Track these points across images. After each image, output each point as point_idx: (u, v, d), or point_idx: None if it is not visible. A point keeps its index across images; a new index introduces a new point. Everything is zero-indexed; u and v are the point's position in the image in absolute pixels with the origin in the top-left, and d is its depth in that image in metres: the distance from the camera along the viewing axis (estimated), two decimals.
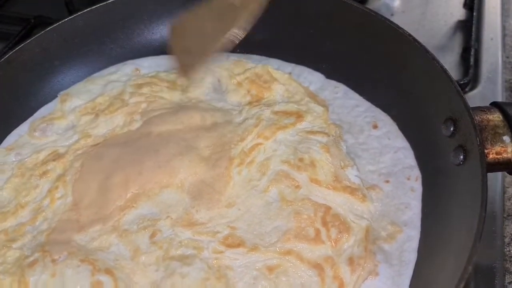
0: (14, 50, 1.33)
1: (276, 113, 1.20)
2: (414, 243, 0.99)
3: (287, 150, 1.13)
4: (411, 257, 0.97)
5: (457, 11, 1.76)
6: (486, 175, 0.89)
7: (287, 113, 1.20)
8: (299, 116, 1.19)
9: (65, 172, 1.17)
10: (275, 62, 1.36)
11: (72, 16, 1.41)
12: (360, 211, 1.04)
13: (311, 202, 1.04)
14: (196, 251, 0.98)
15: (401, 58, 1.21)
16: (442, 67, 1.07)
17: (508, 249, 1.17)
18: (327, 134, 1.15)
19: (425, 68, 1.12)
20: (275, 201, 1.06)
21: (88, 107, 1.30)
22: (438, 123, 1.08)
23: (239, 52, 1.38)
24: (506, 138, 0.98)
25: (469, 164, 0.97)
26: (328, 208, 1.03)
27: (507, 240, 1.19)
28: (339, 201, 1.05)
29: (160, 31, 1.52)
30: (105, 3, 1.44)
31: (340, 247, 0.99)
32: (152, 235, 1.03)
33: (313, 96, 1.25)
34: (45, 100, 1.38)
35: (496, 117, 1.01)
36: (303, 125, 1.18)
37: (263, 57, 1.36)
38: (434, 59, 1.09)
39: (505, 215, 1.22)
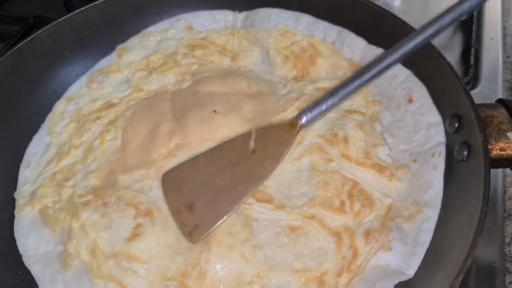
0: (26, 40, 1.32)
1: (318, 89, 1.23)
2: (432, 224, 0.99)
3: (324, 126, 1.16)
4: (426, 238, 0.97)
5: None
6: (489, 170, 0.90)
7: (328, 90, 1.18)
8: None
9: (117, 119, 1.26)
10: (322, 26, 1.33)
11: (83, 8, 1.40)
12: (386, 189, 1.07)
13: (340, 175, 1.08)
14: None
15: None
16: (448, 63, 1.07)
17: (508, 249, 1.18)
18: (364, 114, 1.17)
19: (432, 64, 1.12)
20: (306, 169, 1.10)
21: (142, 64, 1.38)
22: (443, 119, 1.08)
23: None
24: (510, 134, 0.98)
25: (473, 160, 0.96)
26: (356, 183, 1.06)
27: (507, 240, 1.19)
28: (367, 178, 1.08)
29: None
30: None
31: (361, 219, 1.03)
32: None
33: (357, 69, 1.22)
34: (54, 90, 1.38)
35: (501, 113, 1.02)
36: (343, 103, 1.18)
37: (312, 18, 1.33)
38: (440, 55, 1.09)
39: (505, 215, 1.23)
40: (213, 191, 1.06)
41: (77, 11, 1.39)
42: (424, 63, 1.14)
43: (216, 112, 1.17)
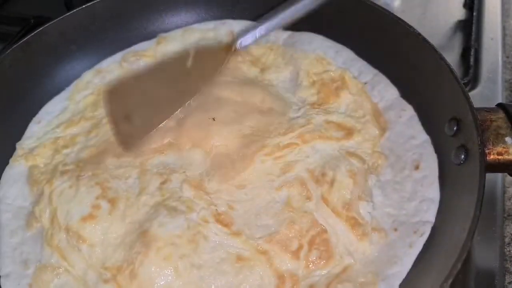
0: (33, 33, 1.34)
1: (328, 122, 1.15)
2: None
3: (318, 161, 1.09)
4: None
5: (457, 11, 1.75)
6: (484, 175, 0.88)
7: (339, 126, 1.15)
8: (349, 133, 1.13)
9: None
10: (360, 64, 1.25)
11: (91, 3, 1.42)
12: (353, 247, 0.98)
13: (311, 218, 1.00)
14: (187, 210, 1.02)
15: (408, 56, 1.18)
16: (449, 66, 1.06)
17: (508, 249, 1.16)
18: (364, 162, 1.08)
19: (433, 67, 1.10)
20: (280, 202, 1.04)
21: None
22: (442, 122, 1.05)
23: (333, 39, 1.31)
24: (508, 139, 0.95)
25: (469, 164, 0.94)
26: (323, 231, 0.99)
27: (507, 240, 1.18)
28: (338, 229, 0.99)
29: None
30: None
31: (311, 271, 0.95)
32: (163, 182, 1.08)
33: (378, 115, 1.16)
34: (59, 83, 1.39)
35: (499, 118, 0.98)
36: (349, 143, 1.12)
37: (353, 55, 1.26)
38: (442, 58, 1.08)
39: (505, 215, 1.21)
40: (151, 104, 1.12)
41: (84, 6, 1.41)
42: (425, 66, 1.13)
43: (214, 120, 1.15)
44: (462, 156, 0.96)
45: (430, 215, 0.95)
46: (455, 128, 1.00)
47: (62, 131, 1.26)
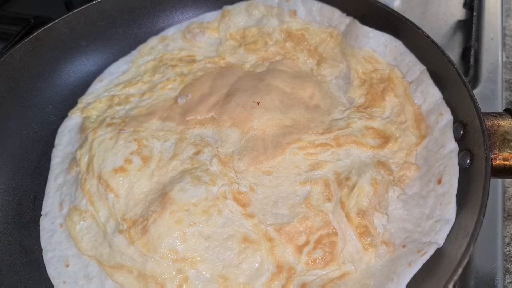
0: (42, 29, 1.32)
1: (368, 128, 1.11)
2: None
3: (347, 165, 1.06)
4: None
5: (457, 11, 1.73)
6: (489, 181, 0.85)
7: (378, 134, 1.10)
8: (385, 142, 1.08)
9: (188, 74, 1.33)
10: (408, 59, 1.16)
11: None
12: (358, 256, 0.94)
13: (325, 218, 0.98)
14: (210, 182, 1.04)
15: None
16: (457, 70, 1.03)
17: (508, 249, 1.14)
18: (391, 173, 1.03)
19: (440, 70, 1.07)
20: (301, 196, 1.03)
21: (238, 34, 1.39)
22: None
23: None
24: None
25: (475, 169, 0.91)
26: (334, 234, 0.96)
27: (507, 240, 1.15)
28: (348, 235, 0.97)
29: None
30: None
31: (310, 269, 0.93)
32: (196, 153, 1.11)
33: (419, 120, 1.09)
34: (68, 77, 1.37)
35: (507, 123, 0.96)
36: (383, 152, 1.07)
37: (403, 47, 1.17)
38: (450, 61, 1.05)
39: (505, 215, 1.18)
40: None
41: (94, 2, 1.40)
42: (434, 69, 1.09)
43: (258, 104, 1.15)
44: (468, 161, 0.93)
45: (440, 236, 0.89)
46: (461, 132, 0.97)
47: (119, 90, 1.33)
